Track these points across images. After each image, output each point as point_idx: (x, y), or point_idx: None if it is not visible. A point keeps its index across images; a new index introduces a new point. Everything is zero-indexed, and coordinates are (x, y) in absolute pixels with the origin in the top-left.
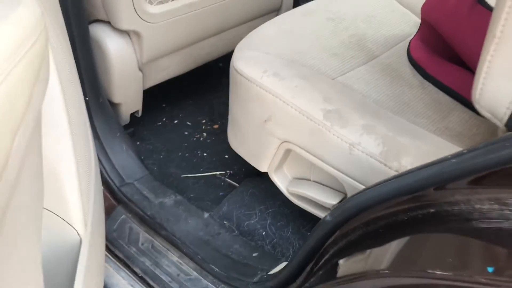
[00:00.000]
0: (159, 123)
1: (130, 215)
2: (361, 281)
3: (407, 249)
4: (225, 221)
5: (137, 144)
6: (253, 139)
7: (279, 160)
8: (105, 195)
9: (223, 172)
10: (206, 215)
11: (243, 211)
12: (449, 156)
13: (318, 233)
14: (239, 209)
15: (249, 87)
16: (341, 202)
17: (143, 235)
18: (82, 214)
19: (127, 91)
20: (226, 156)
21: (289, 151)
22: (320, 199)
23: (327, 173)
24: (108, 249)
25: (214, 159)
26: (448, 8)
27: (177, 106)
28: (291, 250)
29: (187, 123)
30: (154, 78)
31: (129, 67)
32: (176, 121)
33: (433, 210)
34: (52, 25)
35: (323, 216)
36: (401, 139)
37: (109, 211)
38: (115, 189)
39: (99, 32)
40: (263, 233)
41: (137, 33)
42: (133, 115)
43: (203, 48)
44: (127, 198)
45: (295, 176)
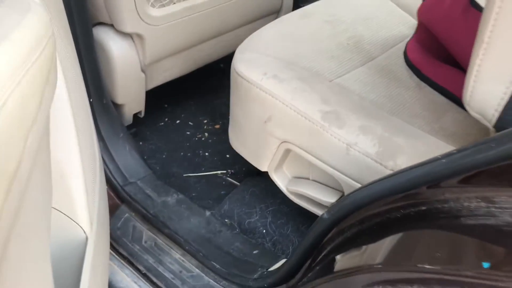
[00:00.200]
0: (162, 123)
1: (133, 214)
2: (356, 275)
3: (399, 245)
4: (227, 219)
5: (140, 144)
6: (253, 139)
7: (278, 160)
8: (109, 194)
9: (225, 171)
10: (208, 213)
11: (244, 209)
12: (440, 156)
13: (316, 230)
14: (240, 207)
15: (249, 88)
16: (338, 200)
17: (146, 233)
18: (88, 213)
19: (130, 92)
20: (227, 156)
21: (288, 151)
22: (319, 198)
23: (325, 172)
24: (112, 247)
25: (215, 158)
26: (443, 10)
27: (179, 107)
28: (290, 247)
29: (189, 123)
30: (157, 79)
31: (132, 69)
32: (178, 121)
33: (424, 208)
34: (57, 29)
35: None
36: (396, 139)
37: (113, 210)
38: (119, 188)
39: (102, 35)
40: (264, 231)
41: (139, 35)
42: (136, 115)
43: (204, 50)
44: (130, 197)
45: (294, 175)
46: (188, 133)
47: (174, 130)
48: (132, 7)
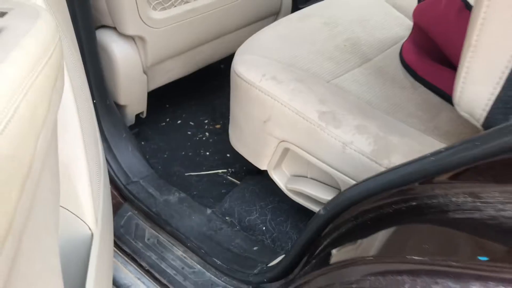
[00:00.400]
0: (163, 124)
1: (136, 212)
2: (350, 267)
3: (391, 238)
4: (227, 217)
5: (142, 144)
6: (253, 139)
7: (277, 159)
8: (112, 193)
9: (225, 170)
10: (209, 211)
11: (244, 207)
12: (429, 154)
13: (312, 226)
14: (240, 205)
15: (249, 90)
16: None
17: (149, 230)
18: (93, 211)
19: (132, 93)
20: (228, 155)
21: (287, 150)
22: (316, 195)
23: (322, 170)
24: (116, 244)
25: (216, 158)
26: (438, 12)
27: (180, 107)
28: (289, 243)
29: (190, 123)
30: (158, 80)
31: (134, 70)
32: (179, 121)
33: (415, 203)
34: (63, 33)
35: None
36: (391, 138)
37: (116, 208)
38: (122, 187)
39: (105, 37)
40: (263, 228)
41: (141, 38)
42: (138, 116)
43: (205, 51)
44: (133, 196)
45: (293, 173)
46: (189, 133)
47: (175, 130)
48: (134, 10)
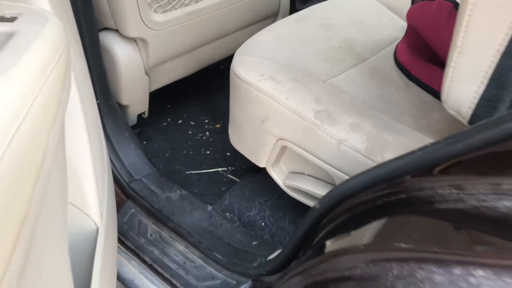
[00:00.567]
0: (164, 123)
1: (139, 209)
2: (343, 256)
3: (381, 229)
4: (227, 213)
5: (144, 143)
6: (252, 137)
7: (275, 156)
8: (115, 191)
9: (225, 169)
10: (210, 208)
11: (243, 204)
12: (416, 149)
13: (308, 220)
14: (240, 202)
15: (247, 90)
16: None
17: (152, 227)
18: (98, 206)
19: (134, 93)
20: (228, 154)
21: (285, 147)
22: (313, 191)
23: (318, 167)
24: (119, 240)
25: (216, 156)
26: (430, 14)
27: (181, 107)
28: (288, 238)
29: (191, 123)
30: (160, 81)
31: (136, 72)
32: (180, 121)
33: (404, 196)
34: (69, 36)
35: None
36: (384, 135)
37: (119, 206)
38: (125, 185)
39: (108, 40)
40: (262, 223)
41: (143, 40)
42: (140, 116)
43: (205, 52)
44: (136, 193)
45: (290, 170)
46: (190, 132)
47: (176, 129)
48: (136, 13)
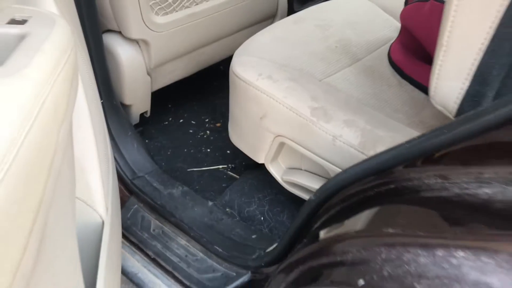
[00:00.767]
0: (166, 123)
1: (142, 205)
2: (335, 243)
3: (372, 217)
4: (228, 208)
5: (146, 142)
6: (251, 134)
7: (274, 152)
8: (119, 187)
9: (225, 166)
10: (210, 203)
11: (243, 199)
12: (404, 142)
13: (304, 211)
14: (239, 197)
15: (246, 88)
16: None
17: (154, 222)
18: (104, 200)
19: (137, 93)
20: (228, 152)
21: (282, 144)
22: (310, 185)
23: (315, 162)
24: (123, 235)
25: (216, 154)
26: (423, 15)
27: (182, 107)
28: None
29: (192, 122)
30: (161, 81)
31: (138, 72)
32: (181, 120)
33: (393, 186)
34: (75, 38)
35: None
36: (377, 131)
37: (123, 202)
38: (128, 181)
39: (111, 41)
40: (261, 218)
41: (145, 41)
42: (142, 115)
43: (205, 53)
44: (139, 190)
45: (288, 166)
46: (191, 131)
47: (178, 128)
48: (138, 15)
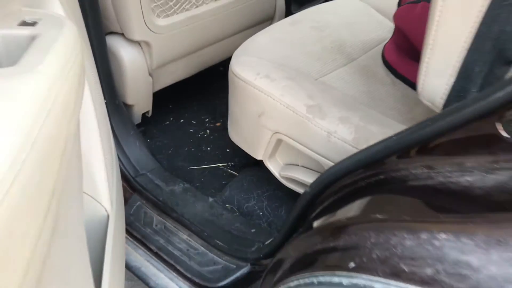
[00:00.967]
0: (167, 122)
1: (144, 201)
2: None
3: (363, 205)
4: (227, 204)
5: (148, 141)
6: (249, 132)
7: (272, 149)
8: (122, 185)
9: (225, 164)
10: (211, 199)
11: (242, 195)
12: (393, 135)
13: (300, 204)
14: (239, 194)
15: (245, 87)
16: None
17: (157, 217)
18: (109, 195)
19: (139, 94)
20: (228, 150)
21: (280, 141)
22: (307, 180)
23: (311, 158)
24: (127, 231)
25: (216, 152)
26: (414, 15)
27: (183, 107)
28: None
29: (192, 121)
30: (162, 82)
31: (140, 73)
32: (182, 120)
33: (382, 177)
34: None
35: None
36: (371, 127)
37: (126, 199)
38: (131, 179)
39: (114, 43)
40: (260, 213)
41: (147, 43)
42: (144, 115)
43: (205, 55)
44: (141, 187)
45: (285, 162)
46: (192, 130)
47: (178, 128)
48: (140, 18)
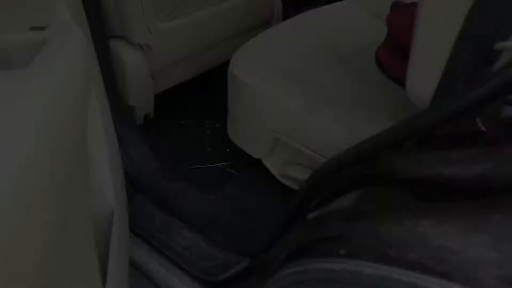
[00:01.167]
0: (168, 123)
1: (147, 200)
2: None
3: (353, 198)
4: (227, 202)
5: (150, 141)
6: (248, 131)
7: (269, 148)
8: (126, 184)
9: (225, 163)
10: (212, 197)
11: (241, 193)
12: (382, 131)
13: (295, 199)
14: (238, 192)
15: (243, 88)
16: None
17: (159, 215)
18: (114, 191)
19: (140, 95)
20: (227, 150)
21: (277, 139)
22: (304, 178)
23: (307, 155)
24: (130, 228)
25: (216, 152)
26: (406, 19)
27: (183, 108)
28: None
29: (193, 122)
30: (164, 84)
31: (142, 75)
32: (183, 121)
33: (372, 171)
34: None
35: None
36: (365, 126)
37: (129, 197)
38: (134, 178)
39: (117, 46)
40: (259, 210)
41: (148, 46)
42: (146, 116)
43: (205, 57)
44: (144, 186)
45: (283, 160)
46: (192, 131)
47: (179, 128)
48: (141, 22)
